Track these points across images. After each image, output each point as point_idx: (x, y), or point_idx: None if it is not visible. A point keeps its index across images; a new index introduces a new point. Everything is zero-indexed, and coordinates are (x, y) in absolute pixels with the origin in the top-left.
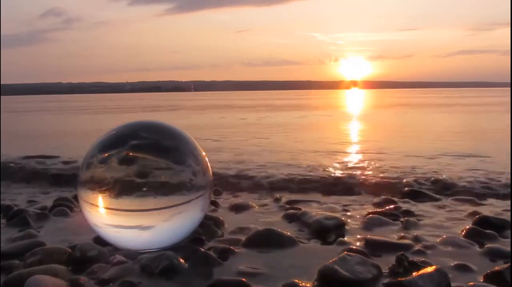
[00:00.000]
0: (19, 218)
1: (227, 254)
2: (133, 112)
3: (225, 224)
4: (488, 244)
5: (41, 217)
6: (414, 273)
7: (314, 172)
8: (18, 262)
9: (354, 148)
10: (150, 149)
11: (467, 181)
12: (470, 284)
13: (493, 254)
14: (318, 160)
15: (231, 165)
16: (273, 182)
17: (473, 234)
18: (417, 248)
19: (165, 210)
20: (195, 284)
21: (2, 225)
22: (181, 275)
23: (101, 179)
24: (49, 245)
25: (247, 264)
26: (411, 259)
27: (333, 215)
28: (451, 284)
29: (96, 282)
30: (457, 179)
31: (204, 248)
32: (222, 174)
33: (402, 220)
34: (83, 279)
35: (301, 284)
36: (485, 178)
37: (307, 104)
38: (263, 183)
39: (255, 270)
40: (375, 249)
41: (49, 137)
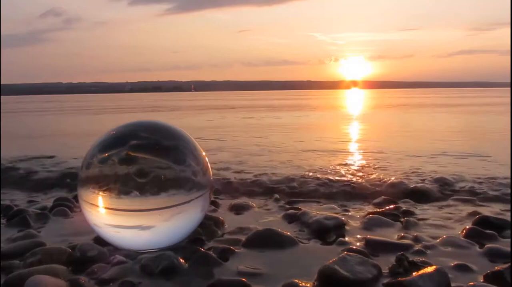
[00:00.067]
0: (19, 218)
1: (227, 254)
2: (133, 112)
3: (225, 224)
4: (488, 244)
5: (41, 217)
6: (414, 273)
7: (314, 172)
8: (18, 262)
9: (354, 148)
10: (150, 149)
11: (467, 181)
12: (470, 284)
13: (493, 254)
14: (318, 160)
15: (231, 165)
16: (273, 182)
17: (473, 234)
18: (417, 248)
19: (165, 210)
20: (195, 284)
21: (2, 225)
22: (181, 275)
23: (101, 179)
24: (49, 245)
25: (247, 264)
26: (411, 259)
27: (333, 215)
28: (451, 284)
29: (96, 282)
30: (457, 179)
31: (204, 248)
32: (222, 175)
33: (402, 220)
34: (83, 279)
35: (301, 284)
36: (485, 178)
37: (307, 104)
38: (263, 183)
39: (255, 270)
40: (375, 249)
41: (48, 138)
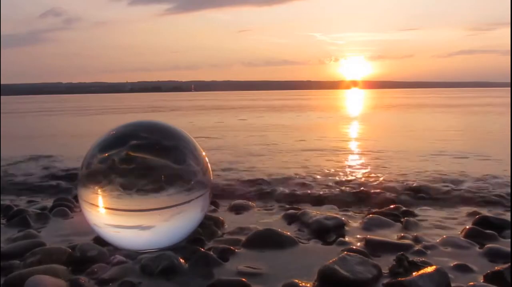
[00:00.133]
0: (19, 218)
1: (227, 254)
2: (134, 112)
3: (225, 224)
4: (488, 244)
5: (41, 217)
6: (414, 273)
7: (314, 172)
8: (18, 262)
9: (354, 148)
10: (150, 149)
11: (467, 181)
12: (470, 284)
13: (493, 254)
14: (318, 160)
15: (230, 165)
16: (273, 182)
17: (473, 234)
18: (417, 248)
19: (165, 210)
20: (195, 284)
21: (2, 225)
22: (181, 275)
23: (101, 179)
24: (49, 245)
25: (247, 264)
26: (411, 259)
27: (333, 215)
28: (451, 284)
29: (96, 282)
30: (457, 179)
31: (204, 248)
32: (222, 175)
33: (402, 220)
34: (83, 279)
35: (301, 284)
36: (485, 178)
37: (307, 105)
38: (263, 183)
39: (255, 270)
40: (375, 249)
41: (48, 138)
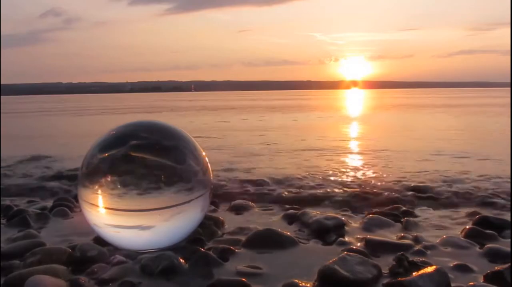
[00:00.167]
0: (19, 218)
1: (227, 254)
2: (134, 112)
3: (225, 224)
4: (488, 244)
5: (41, 217)
6: (414, 273)
7: (314, 172)
8: (18, 262)
9: (354, 148)
10: (150, 149)
11: (467, 181)
12: (470, 284)
13: (493, 254)
14: (319, 160)
15: (231, 165)
16: (274, 182)
17: (473, 234)
18: (417, 248)
19: (165, 210)
20: (195, 284)
21: (2, 225)
22: (181, 275)
23: (101, 179)
24: (49, 245)
25: (247, 264)
26: (411, 259)
27: (333, 215)
28: (451, 284)
29: (96, 282)
30: (457, 179)
31: (204, 248)
32: (222, 175)
33: (402, 220)
34: (83, 279)
35: (301, 284)
36: (485, 178)
37: (307, 105)
38: (263, 183)
39: (255, 270)
40: (375, 249)
41: (47, 138)
